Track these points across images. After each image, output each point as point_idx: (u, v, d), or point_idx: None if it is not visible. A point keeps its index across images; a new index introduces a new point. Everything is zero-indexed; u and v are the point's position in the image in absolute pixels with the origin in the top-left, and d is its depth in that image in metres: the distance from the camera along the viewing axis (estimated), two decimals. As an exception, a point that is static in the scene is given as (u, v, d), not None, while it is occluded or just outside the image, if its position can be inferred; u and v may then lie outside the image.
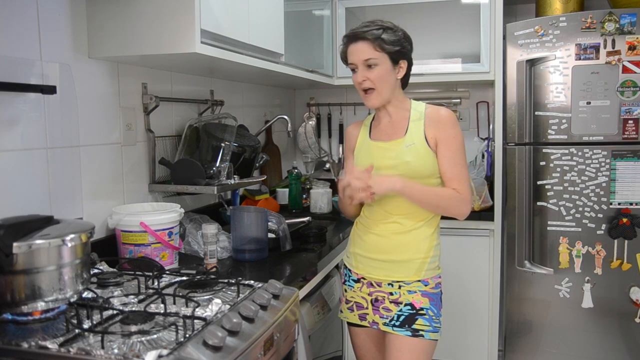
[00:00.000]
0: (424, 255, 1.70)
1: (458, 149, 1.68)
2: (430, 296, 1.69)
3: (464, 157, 1.70)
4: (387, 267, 1.71)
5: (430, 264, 1.71)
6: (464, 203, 1.66)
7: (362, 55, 1.62)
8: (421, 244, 1.70)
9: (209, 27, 1.64)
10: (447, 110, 1.71)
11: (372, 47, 1.62)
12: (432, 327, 1.68)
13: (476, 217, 2.72)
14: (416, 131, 1.69)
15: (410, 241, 1.70)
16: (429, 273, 1.71)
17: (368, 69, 1.64)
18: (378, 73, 1.64)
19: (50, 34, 1.53)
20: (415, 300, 1.68)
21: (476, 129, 3.26)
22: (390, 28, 1.65)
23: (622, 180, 2.50)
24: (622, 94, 2.48)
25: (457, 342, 2.82)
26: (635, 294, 2.52)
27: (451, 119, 1.69)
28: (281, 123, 3.10)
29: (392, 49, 1.63)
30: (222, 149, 2.01)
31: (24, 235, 1.15)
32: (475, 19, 2.79)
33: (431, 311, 1.69)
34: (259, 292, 1.36)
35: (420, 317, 1.67)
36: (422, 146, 1.67)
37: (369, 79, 1.64)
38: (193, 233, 1.94)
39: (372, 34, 1.61)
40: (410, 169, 1.65)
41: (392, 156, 1.69)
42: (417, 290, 1.69)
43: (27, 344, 1.06)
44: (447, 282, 2.78)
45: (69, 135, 1.61)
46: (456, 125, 1.69)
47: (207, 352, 1.06)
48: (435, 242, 1.74)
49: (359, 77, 1.66)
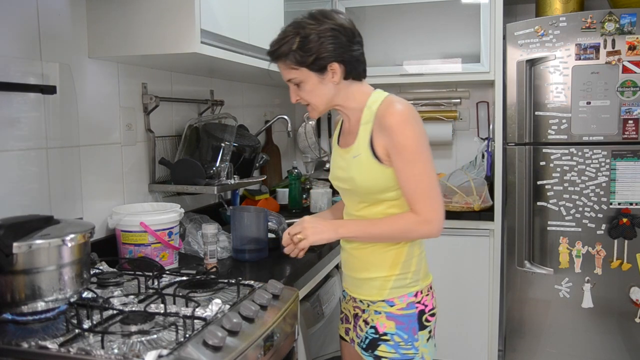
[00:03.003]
0: (387, 273, 1.47)
1: (412, 159, 1.37)
2: (397, 319, 1.47)
3: (424, 166, 1.38)
4: (356, 284, 1.55)
5: (396, 282, 1.47)
6: (424, 224, 1.39)
7: (284, 76, 1.44)
8: (382, 261, 1.48)
9: (209, 27, 1.64)
10: (400, 108, 1.38)
11: (287, 66, 1.40)
12: (400, 354, 1.46)
13: (476, 217, 2.72)
14: (364, 138, 1.43)
15: (369, 258, 1.50)
16: (395, 292, 1.47)
17: (297, 87, 1.44)
18: (306, 89, 1.42)
19: (50, 34, 1.53)
20: (378, 323, 1.49)
21: (476, 129, 3.26)
22: (304, 36, 1.36)
23: (622, 180, 2.50)
24: (622, 94, 2.48)
25: (457, 342, 2.82)
26: (635, 294, 2.52)
27: (397, 122, 1.36)
28: (281, 123, 3.10)
29: (310, 60, 1.37)
30: (222, 149, 2.01)
31: (24, 235, 1.15)
32: (475, 19, 2.79)
33: (397, 336, 1.47)
34: (259, 292, 1.36)
35: (384, 343, 1.48)
36: (367, 158, 1.42)
37: (301, 97, 1.45)
38: (193, 233, 1.94)
39: (281, 53, 1.39)
40: (355, 185, 1.45)
41: (344, 167, 1.49)
42: (381, 312, 1.49)
43: (27, 344, 1.06)
44: (448, 282, 2.79)
45: (69, 135, 1.61)
46: (406, 127, 1.36)
47: (207, 352, 1.06)
48: (404, 259, 1.48)
49: (292, 97, 1.47)
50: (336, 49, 1.38)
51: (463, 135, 3.28)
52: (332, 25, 1.37)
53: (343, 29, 1.39)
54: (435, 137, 3.17)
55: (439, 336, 2.82)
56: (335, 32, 1.38)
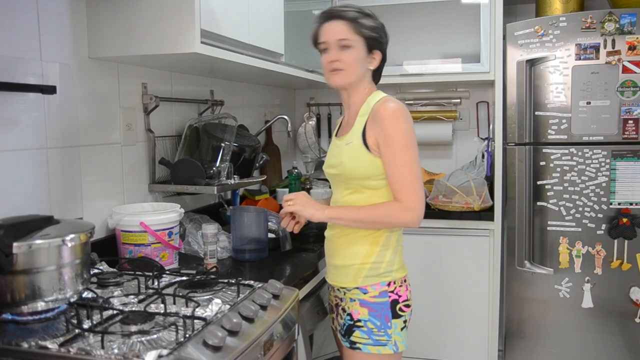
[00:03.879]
0: (362, 260, 1.56)
1: (399, 150, 1.48)
2: (370, 306, 1.55)
3: (410, 157, 1.48)
4: (333, 272, 1.65)
5: (370, 271, 1.55)
6: (405, 212, 1.48)
7: (338, 34, 1.50)
8: (358, 249, 1.56)
9: (209, 27, 1.64)
10: (393, 104, 1.51)
11: (349, 28, 1.50)
12: (373, 340, 1.54)
13: (476, 217, 2.72)
14: (358, 128, 1.55)
15: (347, 245, 1.58)
16: (369, 280, 1.55)
17: (341, 50, 1.51)
18: (351, 55, 1.51)
19: (50, 34, 1.53)
20: (353, 310, 1.57)
21: (476, 129, 3.26)
22: (369, 15, 1.55)
23: (622, 180, 2.50)
24: (622, 94, 2.48)
25: (457, 342, 2.82)
26: (635, 294, 2.52)
27: (390, 115, 1.48)
28: (281, 123, 3.10)
29: (369, 34, 1.52)
30: (222, 149, 2.01)
31: (24, 235, 1.15)
32: (475, 19, 2.79)
33: (370, 323, 1.54)
34: (259, 292, 1.37)
35: (358, 329, 1.55)
36: (358, 146, 1.53)
37: (341, 60, 1.52)
38: (193, 233, 1.94)
39: (350, 15, 1.51)
40: (344, 169, 1.55)
41: (337, 154, 1.60)
42: (356, 299, 1.57)
43: (27, 344, 1.06)
44: (448, 282, 2.79)
45: (69, 135, 1.61)
46: (397, 121, 1.48)
47: (207, 352, 1.06)
48: (379, 249, 1.56)
49: (330, 56, 1.52)
50: (385, 44, 1.59)
51: (463, 135, 3.28)
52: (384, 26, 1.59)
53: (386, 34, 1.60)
54: (435, 137, 3.17)
55: (439, 336, 2.83)
56: (386, 33, 1.60)
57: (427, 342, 2.84)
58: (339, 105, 3.43)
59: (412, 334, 2.78)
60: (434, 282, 2.80)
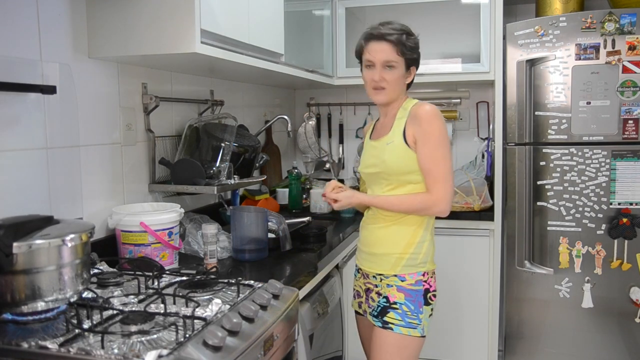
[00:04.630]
0: (402, 251, 1.71)
1: (435, 146, 1.65)
2: (406, 292, 1.70)
3: (443, 153, 1.66)
4: (371, 260, 1.78)
5: (409, 261, 1.71)
6: (436, 204, 1.66)
7: (384, 56, 1.66)
8: (399, 240, 1.72)
9: (209, 27, 1.63)
10: (430, 107, 1.68)
11: (394, 50, 1.65)
12: (405, 322, 1.69)
13: (476, 217, 2.72)
14: (398, 129, 1.71)
15: (388, 236, 1.73)
16: (407, 269, 1.71)
17: (385, 70, 1.67)
18: (394, 76, 1.67)
19: (50, 34, 1.53)
20: (390, 294, 1.71)
21: (476, 129, 3.26)
22: (411, 35, 1.69)
23: (622, 180, 2.50)
24: (622, 94, 2.48)
25: (457, 342, 2.82)
26: (635, 294, 2.52)
27: (428, 115, 1.66)
28: (281, 123, 3.09)
29: (410, 56, 1.68)
30: (222, 149, 2.00)
31: (24, 235, 1.15)
32: (475, 19, 2.79)
33: (405, 306, 1.69)
34: (259, 292, 1.36)
35: (393, 311, 1.70)
36: (399, 144, 1.69)
37: (385, 80, 1.68)
38: (193, 233, 1.94)
39: (396, 38, 1.65)
40: (387, 167, 1.70)
41: (376, 154, 1.75)
42: (393, 285, 1.72)
43: (27, 344, 1.06)
44: (447, 282, 2.79)
45: (69, 135, 1.61)
46: (434, 121, 1.65)
47: (207, 352, 1.06)
48: (418, 240, 1.72)
49: (376, 76, 1.68)
50: (419, 58, 1.74)
51: (463, 135, 3.28)
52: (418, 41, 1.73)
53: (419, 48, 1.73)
54: (435, 137, 3.17)
55: (439, 336, 2.83)
56: (419, 48, 1.73)
57: (427, 342, 2.82)
58: (338, 106, 3.43)
59: (412, 334, 2.79)
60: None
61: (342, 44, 3.00)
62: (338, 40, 3.00)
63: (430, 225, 1.77)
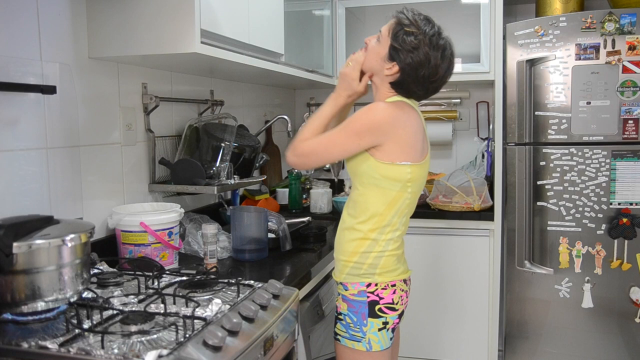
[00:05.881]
0: (346, 258, 1.61)
1: (343, 125, 1.57)
2: (349, 302, 1.61)
3: (339, 135, 1.56)
4: (335, 263, 1.72)
5: (352, 269, 1.60)
6: (291, 149, 1.67)
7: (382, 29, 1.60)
8: (346, 246, 1.62)
9: (209, 27, 1.64)
10: (379, 102, 1.56)
11: (389, 28, 1.57)
12: (349, 334, 1.60)
13: (476, 217, 2.72)
14: None
15: (339, 240, 1.66)
16: (350, 278, 1.60)
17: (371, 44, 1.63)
18: (374, 46, 1.60)
19: (50, 34, 1.53)
20: (338, 303, 1.66)
21: (476, 129, 3.26)
22: (412, 32, 1.53)
23: (622, 180, 2.50)
24: (622, 94, 2.48)
25: (457, 342, 2.82)
26: (635, 294, 2.52)
27: (367, 106, 1.54)
28: (281, 123, 3.10)
29: (394, 43, 1.53)
30: (222, 149, 2.01)
31: (24, 235, 1.15)
32: (475, 19, 2.79)
33: (348, 318, 1.60)
34: (259, 292, 1.37)
35: (339, 322, 1.64)
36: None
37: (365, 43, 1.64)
38: (193, 233, 1.94)
39: (398, 19, 1.56)
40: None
41: None
42: (340, 292, 1.65)
43: (27, 344, 1.06)
44: (448, 282, 2.79)
45: (69, 135, 1.61)
46: (364, 110, 1.53)
47: (207, 352, 1.06)
48: (363, 250, 1.58)
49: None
50: (404, 59, 1.53)
51: (463, 135, 3.28)
52: (428, 46, 1.54)
53: (427, 58, 1.53)
54: (435, 137, 3.17)
55: (439, 336, 2.83)
56: (423, 55, 1.53)
57: (427, 342, 2.84)
58: (339, 105, 3.43)
59: (412, 334, 2.79)
60: (433, 282, 2.80)
61: (342, 44, 3.00)
62: (338, 40, 3.00)
63: (383, 237, 1.58)
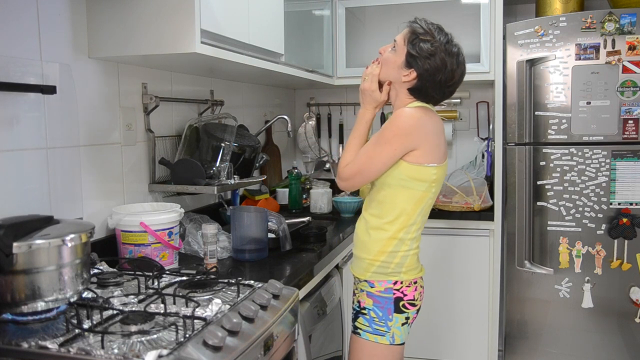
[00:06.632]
0: (373, 257, 1.67)
1: (376, 139, 1.62)
2: (375, 298, 1.67)
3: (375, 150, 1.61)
4: (353, 261, 1.79)
5: (379, 268, 1.67)
6: (339, 177, 1.71)
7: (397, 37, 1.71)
8: (372, 246, 1.68)
9: (209, 27, 1.63)
10: (407, 109, 1.61)
11: (404, 36, 1.68)
12: (372, 328, 1.67)
13: (476, 217, 2.72)
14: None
15: (364, 240, 1.71)
16: (376, 276, 1.67)
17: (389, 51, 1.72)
18: (390, 55, 1.69)
19: (50, 34, 1.53)
20: (361, 299, 1.71)
21: (476, 129, 3.26)
22: (428, 40, 1.63)
23: (622, 180, 2.50)
24: (622, 94, 2.48)
25: (457, 342, 2.82)
26: (635, 294, 2.52)
27: (396, 114, 1.61)
28: (281, 123, 3.10)
29: (412, 51, 1.62)
30: (222, 149, 2.01)
31: (24, 235, 1.15)
32: (475, 19, 2.79)
33: (373, 312, 1.67)
34: (259, 292, 1.36)
35: (362, 316, 1.69)
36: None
37: (381, 54, 1.74)
38: (193, 233, 1.94)
39: (412, 28, 1.69)
40: None
41: None
42: (364, 290, 1.70)
43: (27, 344, 1.06)
44: (448, 282, 2.79)
45: (69, 135, 1.61)
46: (395, 119, 1.59)
47: (207, 352, 1.06)
48: (391, 249, 1.65)
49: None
50: (422, 66, 1.60)
51: (463, 135, 3.29)
52: (443, 54, 1.59)
53: (444, 64, 1.58)
54: (435, 137, 3.17)
55: (439, 336, 2.83)
56: (438, 62, 1.59)
57: (427, 342, 2.84)
58: (338, 106, 3.43)
59: (412, 334, 2.78)
60: (433, 282, 2.79)
61: (342, 44, 3.00)
62: (338, 41, 3.00)
63: (409, 237, 1.66)
